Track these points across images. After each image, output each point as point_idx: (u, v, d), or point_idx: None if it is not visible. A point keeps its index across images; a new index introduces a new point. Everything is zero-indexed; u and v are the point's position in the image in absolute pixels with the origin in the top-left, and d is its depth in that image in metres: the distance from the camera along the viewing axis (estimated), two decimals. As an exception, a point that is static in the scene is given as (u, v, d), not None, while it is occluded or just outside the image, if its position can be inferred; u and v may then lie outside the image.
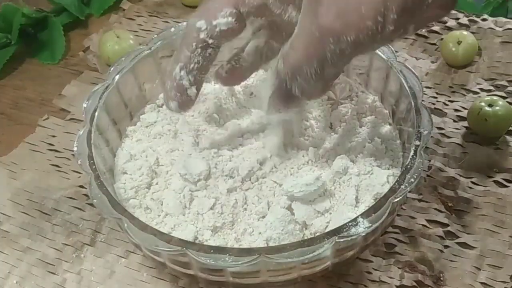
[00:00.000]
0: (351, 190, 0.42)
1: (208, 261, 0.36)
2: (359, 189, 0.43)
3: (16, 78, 0.70)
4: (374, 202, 0.41)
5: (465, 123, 0.57)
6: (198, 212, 0.43)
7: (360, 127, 0.48)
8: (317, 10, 0.32)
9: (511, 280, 0.45)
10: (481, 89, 0.60)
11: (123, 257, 0.49)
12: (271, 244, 0.40)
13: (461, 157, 0.54)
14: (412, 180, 0.39)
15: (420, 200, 0.50)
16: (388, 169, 0.45)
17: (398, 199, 0.38)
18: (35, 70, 0.70)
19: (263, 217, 0.42)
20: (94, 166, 0.42)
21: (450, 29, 0.67)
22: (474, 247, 0.47)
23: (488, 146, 0.55)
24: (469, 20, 0.68)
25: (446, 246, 0.47)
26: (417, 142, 0.42)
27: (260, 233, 0.41)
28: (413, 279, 0.45)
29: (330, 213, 0.42)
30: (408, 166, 0.40)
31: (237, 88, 0.52)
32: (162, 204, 0.44)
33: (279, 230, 0.40)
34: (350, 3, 0.31)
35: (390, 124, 0.49)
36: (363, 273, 0.46)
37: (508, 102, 0.56)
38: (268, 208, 0.42)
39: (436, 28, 0.67)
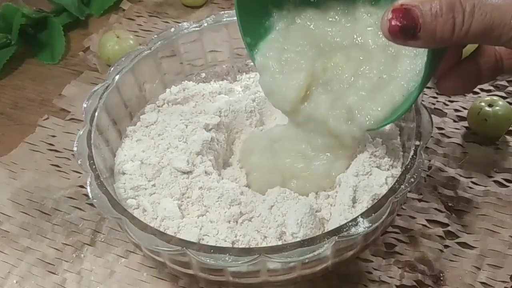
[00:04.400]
0: (348, 191, 0.42)
1: (208, 261, 0.36)
2: (357, 189, 0.43)
3: (16, 78, 0.70)
4: (372, 203, 0.41)
5: (465, 123, 0.57)
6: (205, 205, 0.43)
7: None
8: None
9: (511, 280, 0.45)
10: (481, 89, 0.60)
11: (123, 257, 0.49)
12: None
13: (461, 157, 0.54)
14: (412, 180, 0.39)
15: (420, 200, 0.50)
16: (388, 169, 0.45)
17: (398, 198, 0.38)
18: (35, 70, 0.70)
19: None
20: (94, 166, 0.42)
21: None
22: (474, 247, 0.47)
23: (488, 146, 0.55)
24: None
25: (446, 246, 0.47)
26: (417, 142, 0.42)
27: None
28: (413, 279, 0.45)
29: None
30: (408, 166, 0.40)
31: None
32: (159, 204, 0.44)
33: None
34: None
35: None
36: (363, 273, 0.46)
37: (508, 102, 0.56)
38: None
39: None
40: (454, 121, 0.57)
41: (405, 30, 0.31)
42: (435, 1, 0.31)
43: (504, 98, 0.58)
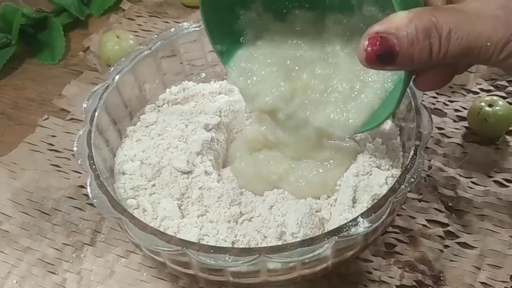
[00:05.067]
0: (348, 191, 0.42)
1: (208, 261, 0.36)
2: (357, 189, 0.43)
3: (16, 78, 0.70)
4: (372, 203, 0.41)
5: (465, 123, 0.57)
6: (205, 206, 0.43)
7: None
8: None
9: (511, 280, 0.45)
10: (481, 89, 0.60)
11: (123, 257, 0.49)
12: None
13: (461, 157, 0.54)
14: (412, 180, 0.39)
15: (420, 200, 0.50)
16: (388, 169, 0.45)
17: (398, 199, 0.38)
18: (35, 70, 0.70)
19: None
20: (94, 166, 0.42)
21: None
22: (474, 247, 0.47)
23: (488, 146, 0.55)
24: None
25: (446, 246, 0.47)
26: (417, 142, 0.42)
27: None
28: (413, 279, 0.45)
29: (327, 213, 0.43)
30: (408, 166, 0.40)
31: None
32: (159, 204, 0.44)
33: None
34: None
35: (392, 121, 0.49)
36: (363, 273, 0.46)
37: (508, 102, 0.56)
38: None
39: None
40: (454, 121, 0.57)
41: (382, 58, 0.31)
42: (410, 27, 0.31)
43: (504, 98, 0.58)
